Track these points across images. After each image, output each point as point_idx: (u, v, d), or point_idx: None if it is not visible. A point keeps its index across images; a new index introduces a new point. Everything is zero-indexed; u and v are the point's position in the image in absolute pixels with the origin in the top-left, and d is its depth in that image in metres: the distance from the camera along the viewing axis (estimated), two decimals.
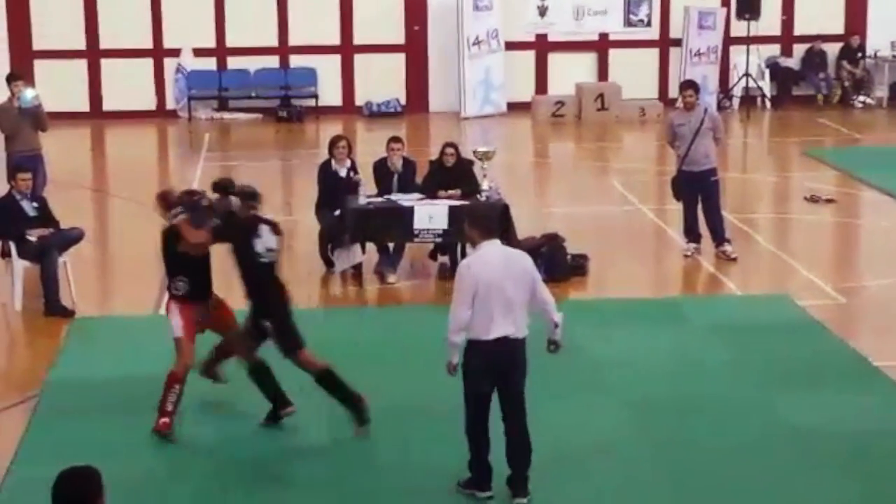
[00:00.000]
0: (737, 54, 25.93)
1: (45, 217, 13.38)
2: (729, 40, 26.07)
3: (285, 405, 9.99)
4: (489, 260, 8.63)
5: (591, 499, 8.95)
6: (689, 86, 15.24)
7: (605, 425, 10.17)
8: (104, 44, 25.37)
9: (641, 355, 11.69)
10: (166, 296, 10.64)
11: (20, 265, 13.07)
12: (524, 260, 8.80)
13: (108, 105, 25.50)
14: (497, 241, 8.77)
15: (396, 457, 9.51)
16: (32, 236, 13.10)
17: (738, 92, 26.00)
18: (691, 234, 15.12)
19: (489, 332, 8.52)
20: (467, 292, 8.49)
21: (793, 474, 9.30)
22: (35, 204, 13.41)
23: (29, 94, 15.80)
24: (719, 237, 15.02)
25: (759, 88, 26.01)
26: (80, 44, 25.31)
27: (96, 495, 5.22)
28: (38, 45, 25.15)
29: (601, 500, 8.94)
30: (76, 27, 25.21)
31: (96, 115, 25.38)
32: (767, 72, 26.31)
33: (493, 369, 8.62)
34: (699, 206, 15.00)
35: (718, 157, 15.46)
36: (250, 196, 10.18)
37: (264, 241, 9.90)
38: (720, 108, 24.66)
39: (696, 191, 14.95)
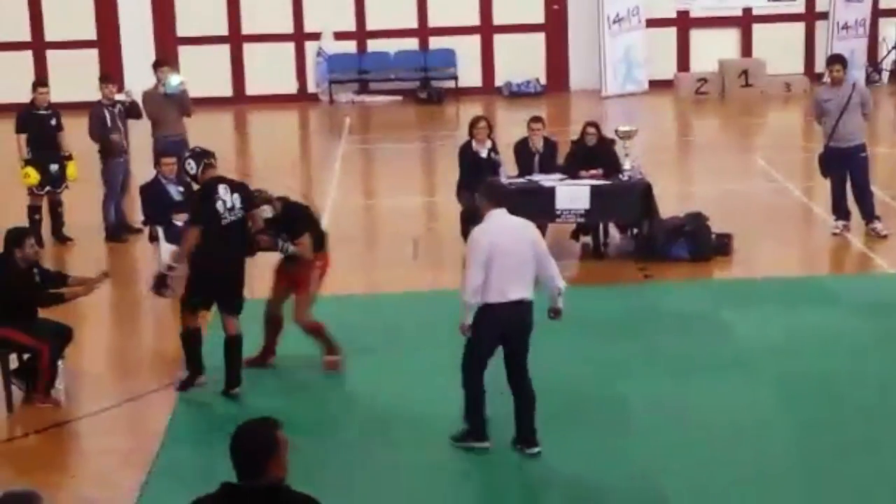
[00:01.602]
0: (886, 26, 25.30)
1: None
2: (878, 12, 25.43)
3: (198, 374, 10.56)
4: (502, 227, 9.08)
5: (727, 479, 8.78)
6: (837, 60, 14.89)
7: (749, 406, 10.00)
8: (246, 29, 25.68)
9: (788, 335, 11.47)
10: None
11: (167, 249, 13.24)
12: (531, 228, 9.26)
13: (251, 90, 25.82)
14: (504, 211, 9.18)
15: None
16: (179, 220, 13.26)
17: (887, 65, 25.35)
18: (840, 211, 14.77)
19: (506, 295, 8.91)
20: (481, 257, 8.87)
21: None
22: (181, 188, 13.58)
23: (174, 79, 16.04)
24: (869, 214, 14.66)
25: None
26: (223, 29, 25.66)
27: (273, 451, 5.17)
28: (182, 31, 25.56)
29: (737, 480, 8.76)
30: (219, 13, 25.55)
31: (239, 99, 25.71)
32: None
33: (505, 330, 9.02)
34: (847, 183, 14.66)
35: (867, 132, 15.08)
36: (200, 155, 10.62)
37: (225, 201, 10.27)
38: (869, 82, 24.07)
39: (845, 167, 14.60)
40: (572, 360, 10.94)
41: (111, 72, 21.76)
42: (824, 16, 25.54)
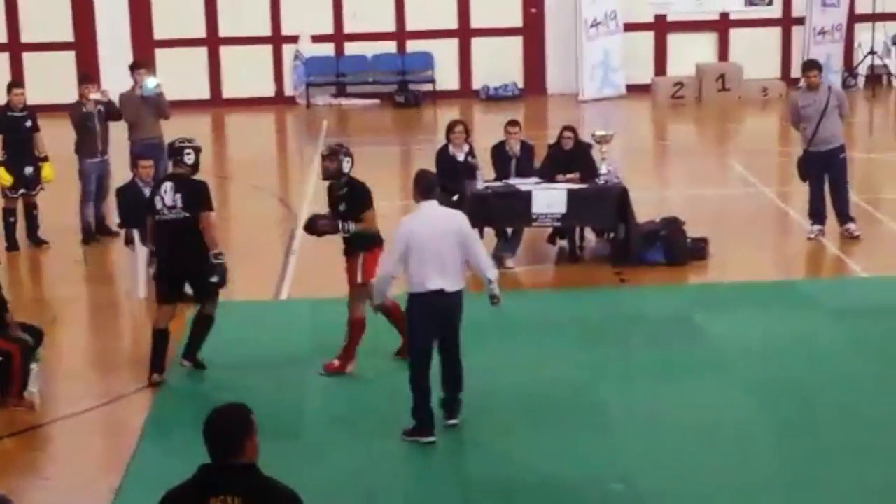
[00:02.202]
0: (862, 32, 25.40)
1: None
2: (854, 17, 25.55)
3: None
4: (425, 218, 9.35)
5: (705, 484, 8.80)
6: (813, 66, 14.97)
7: (726, 410, 10.02)
8: (223, 32, 25.65)
9: (764, 339, 11.52)
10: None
11: (143, 252, 13.24)
12: (459, 220, 9.45)
13: (228, 92, 25.79)
14: (435, 202, 9.43)
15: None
16: None
17: (863, 70, 25.47)
18: (817, 216, 14.83)
19: (425, 285, 9.21)
20: (397, 247, 9.28)
21: None
22: None
23: (151, 82, 16.00)
24: (845, 215, 14.74)
25: (885, 66, 25.45)
26: (201, 32, 25.62)
27: (247, 433, 5.26)
28: (159, 34, 25.51)
29: (716, 484, 8.79)
30: (196, 16, 25.52)
31: (216, 102, 25.67)
32: (894, 49, 25.72)
33: (433, 319, 9.32)
34: (825, 187, 14.73)
35: (845, 136, 15.17)
36: (170, 153, 11.06)
37: (164, 198, 10.69)
38: (845, 86, 24.21)
39: (824, 171, 14.67)
40: (548, 362, 10.97)
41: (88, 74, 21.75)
42: (801, 21, 25.65)
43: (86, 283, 14.33)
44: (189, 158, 10.83)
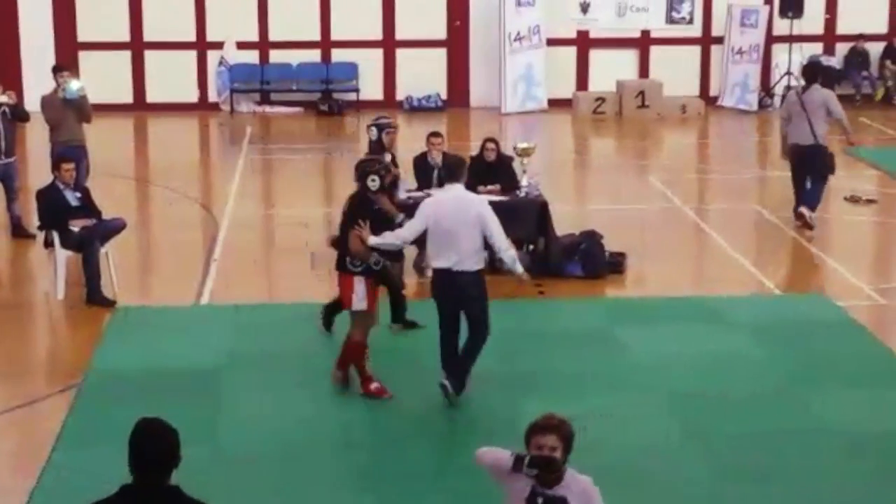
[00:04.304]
0: (779, 52, 25.83)
1: (88, 207, 13.51)
2: (771, 38, 25.97)
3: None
4: (442, 200, 10.18)
5: (622, 494, 8.94)
6: None
7: (642, 422, 10.18)
8: (148, 36, 25.53)
9: (679, 353, 11.69)
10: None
11: (63, 255, 13.20)
12: (476, 205, 10.07)
13: (152, 97, 25.66)
14: (459, 186, 10.16)
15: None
16: (75, 226, 13.23)
17: (779, 90, 25.88)
18: None
19: (436, 261, 10.08)
20: (419, 221, 10.06)
21: (826, 473, 9.30)
22: (78, 194, 13.54)
23: (74, 85, 15.93)
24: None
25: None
26: (125, 36, 25.47)
27: (178, 454, 5.25)
28: (83, 36, 25.34)
29: (634, 495, 8.92)
30: (121, 19, 25.38)
31: (140, 106, 25.55)
32: None
33: (443, 294, 10.15)
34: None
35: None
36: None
37: None
38: (761, 106, 24.60)
39: None
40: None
41: (10, 76, 21.60)
42: (720, 40, 26.04)
43: (3, 285, 14.25)
44: (371, 134, 11.97)
